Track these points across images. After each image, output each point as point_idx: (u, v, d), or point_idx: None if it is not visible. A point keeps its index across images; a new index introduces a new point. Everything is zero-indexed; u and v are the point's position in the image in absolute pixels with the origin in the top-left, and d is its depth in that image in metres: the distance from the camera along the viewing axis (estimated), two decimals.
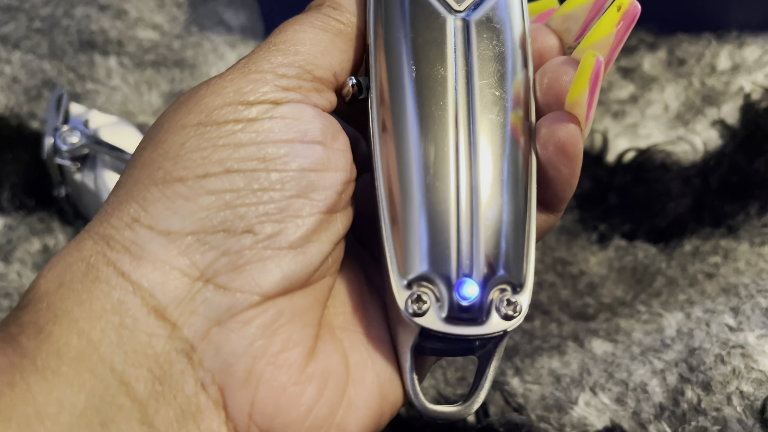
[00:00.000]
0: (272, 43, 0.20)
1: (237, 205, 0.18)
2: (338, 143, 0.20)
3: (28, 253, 0.41)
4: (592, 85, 0.20)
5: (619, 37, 0.20)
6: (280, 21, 0.50)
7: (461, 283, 0.19)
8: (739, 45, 0.45)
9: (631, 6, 0.20)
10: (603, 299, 0.38)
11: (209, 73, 0.47)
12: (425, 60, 0.21)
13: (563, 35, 0.22)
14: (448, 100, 0.20)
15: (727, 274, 0.37)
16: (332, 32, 0.21)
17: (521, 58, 0.21)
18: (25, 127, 0.45)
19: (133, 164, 0.19)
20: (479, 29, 0.21)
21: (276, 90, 0.19)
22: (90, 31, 0.47)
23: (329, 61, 0.20)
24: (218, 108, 0.19)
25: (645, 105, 0.44)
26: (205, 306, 0.18)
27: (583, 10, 0.22)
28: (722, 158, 0.41)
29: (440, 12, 0.21)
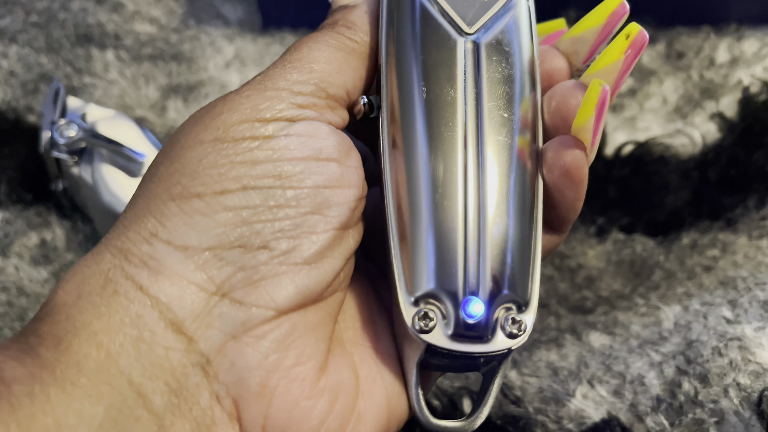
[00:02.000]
0: (287, 61, 0.21)
1: (253, 222, 0.19)
2: (351, 160, 0.21)
3: (26, 247, 0.41)
4: (598, 112, 0.20)
5: (627, 65, 0.21)
6: (277, 14, 0.50)
7: (467, 301, 0.20)
8: (737, 38, 0.45)
9: (639, 35, 0.21)
10: (601, 292, 0.38)
11: (206, 67, 0.47)
12: (435, 81, 0.21)
13: (571, 57, 0.23)
14: (458, 121, 0.21)
15: (725, 267, 0.37)
16: (346, 51, 0.21)
17: (529, 80, 0.22)
18: (22, 121, 0.45)
19: (150, 178, 0.20)
20: (489, 52, 0.21)
21: (291, 107, 0.20)
22: (87, 25, 0.47)
23: (343, 80, 0.21)
24: (235, 125, 0.19)
25: (643, 98, 0.44)
26: (221, 320, 0.18)
27: (592, 33, 0.22)
28: (721, 151, 0.41)
29: (451, 34, 0.21)
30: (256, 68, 0.47)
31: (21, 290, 0.40)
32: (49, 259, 0.41)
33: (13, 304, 0.40)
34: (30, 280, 0.40)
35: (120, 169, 0.39)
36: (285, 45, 0.47)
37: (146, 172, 0.20)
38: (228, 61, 0.47)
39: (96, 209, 0.39)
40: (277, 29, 0.48)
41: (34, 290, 0.40)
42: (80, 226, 0.42)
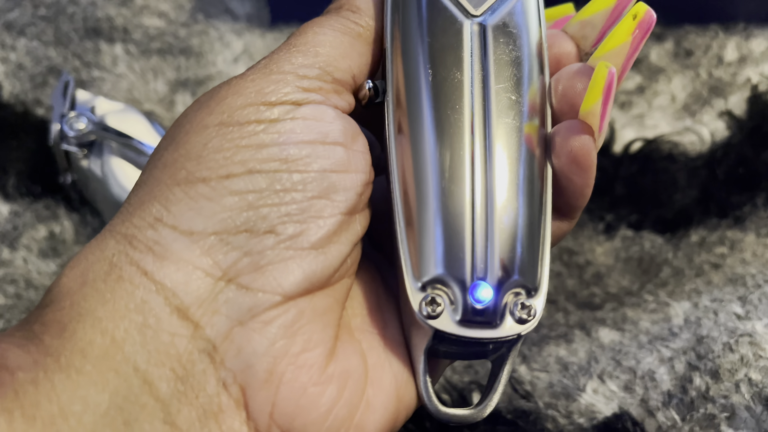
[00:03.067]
0: (292, 45, 0.20)
1: (259, 206, 0.18)
2: (358, 144, 0.20)
3: (34, 239, 0.41)
4: (605, 96, 0.20)
5: (635, 46, 0.21)
6: (286, 9, 0.50)
7: (475, 286, 0.19)
8: (746, 37, 0.45)
9: (647, 15, 0.20)
10: (609, 289, 0.38)
11: (215, 62, 0.47)
12: (442, 64, 0.21)
13: (580, 41, 0.22)
14: (464, 104, 0.21)
15: (734, 265, 0.37)
16: (351, 35, 0.21)
17: (537, 63, 0.22)
18: (30, 114, 0.45)
19: (154, 164, 0.19)
20: (496, 34, 0.21)
21: (297, 91, 0.20)
22: (96, 18, 0.47)
23: (348, 64, 0.21)
24: (240, 108, 0.19)
25: (652, 96, 0.44)
26: (228, 306, 0.18)
27: (601, 17, 0.22)
28: (729, 149, 0.41)
29: (457, 17, 0.21)
30: None
31: (29, 283, 0.40)
32: (58, 252, 0.41)
33: (21, 296, 0.40)
34: (38, 272, 0.40)
35: (129, 162, 0.39)
36: None
37: (150, 158, 0.20)
38: (236, 56, 0.47)
39: (105, 202, 0.39)
40: (285, 24, 0.48)
41: (43, 283, 0.40)
42: (89, 219, 0.42)
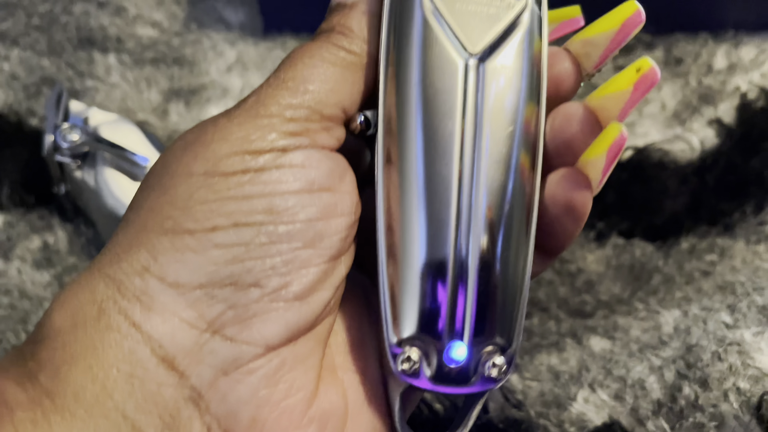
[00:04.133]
0: (282, 79, 0.20)
1: (245, 259, 0.19)
2: (345, 185, 0.20)
3: (28, 250, 0.41)
4: (611, 155, 0.20)
5: (634, 98, 0.21)
6: (279, 18, 0.50)
7: (450, 346, 0.20)
8: (735, 44, 0.46)
9: (650, 71, 0.20)
10: (601, 297, 0.39)
11: (208, 71, 0.47)
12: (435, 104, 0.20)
13: (582, 59, 0.22)
14: (454, 151, 0.20)
15: (724, 272, 0.38)
16: (342, 66, 0.20)
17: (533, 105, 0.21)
18: (24, 124, 0.45)
19: (141, 205, 0.19)
20: (492, 74, 0.20)
21: (284, 136, 0.19)
22: (89, 28, 0.47)
23: (339, 98, 0.20)
24: (226, 157, 0.19)
25: (642, 103, 0.44)
26: (212, 356, 0.19)
27: (605, 38, 0.21)
28: (719, 157, 0.41)
29: (453, 56, 0.20)
30: (257, 72, 0.47)
31: (23, 293, 0.40)
32: (52, 263, 0.41)
33: (15, 307, 0.40)
34: (32, 283, 0.40)
35: (123, 173, 0.39)
36: (286, 49, 0.48)
37: (138, 196, 0.20)
38: (230, 65, 0.47)
39: (99, 213, 0.40)
40: (278, 33, 0.48)
41: (37, 293, 0.40)
42: (83, 230, 0.42)
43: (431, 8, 0.20)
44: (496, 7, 0.20)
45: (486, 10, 0.20)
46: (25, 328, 0.39)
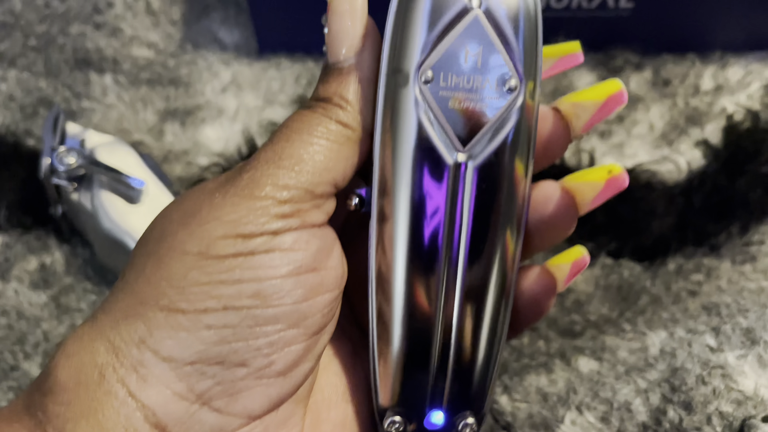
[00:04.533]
0: (279, 156, 0.21)
1: (232, 341, 0.20)
2: (332, 259, 0.21)
3: (26, 271, 0.42)
4: (575, 269, 0.23)
5: (604, 194, 0.23)
6: (273, 39, 0.50)
7: (431, 414, 0.23)
8: (722, 65, 0.46)
9: (620, 176, 0.22)
10: (589, 317, 0.39)
11: (204, 91, 0.47)
12: (423, 200, 0.21)
13: (572, 119, 0.23)
14: (441, 246, 0.21)
15: (710, 292, 0.39)
16: (339, 142, 0.21)
17: (519, 204, 0.22)
18: (21, 145, 0.46)
19: (140, 270, 0.20)
20: (479, 175, 0.21)
21: (275, 219, 0.20)
22: (85, 49, 0.48)
23: (333, 175, 0.21)
24: (219, 239, 0.20)
25: (631, 125, 0.45)
26: (200, 426, 0.20)
27: (593, 105, 0.22)
28: (705, 178, 0.42)
29: (443, 156, 0.21)
30: (252, 92, 0.47)
31: (20, 314, 0.41)
32: (49, 283, 0.41)
33: (12, 327, 0.40)
34: (29, 303, 0.41)
35: (119, 196, 0.39)
36: (281, 69, 0.48)
37: (137, 257, 0.21)
38: (225, 86, 0.48)
39: (95, 235, 0.40)
40: (273, 54, 0.49)
41: (34, 314, 0.41)
42: (79, 251, 0.42)
43: (424, 107, 0.21)
44: (489, 98, 0.21)
45: (479, 105, 0.21)
46: (23, 348, 0.40)
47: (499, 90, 0.21)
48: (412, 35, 0.20)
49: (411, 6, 0.20)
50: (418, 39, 0.20)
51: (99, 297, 0.41)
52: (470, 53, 0.20)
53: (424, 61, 0.20)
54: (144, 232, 0.22)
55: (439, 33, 0.20)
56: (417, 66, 0.20)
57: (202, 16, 0.50)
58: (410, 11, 0.20)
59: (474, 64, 0.20)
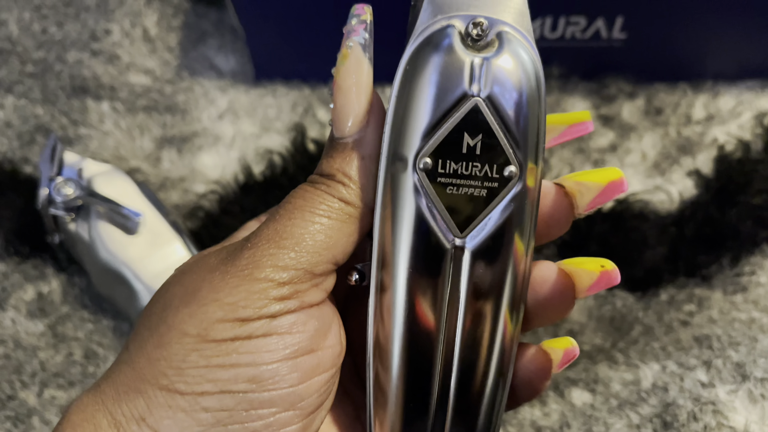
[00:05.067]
0: (279, 235, 0.21)
1: (228, 423, 0.20)
2: (329, 339, 0.22)
3: (23, 300, 0.42)
4: (566, 357, 0.23)
5: (596, 285, 0.23)
6: (270, 66, 0.51)
7: None
8: (713, 95, 0.47)
9: (612, 272, 0.22)
10: (583, 347, 0.40)
11: (200, 118, 0.48)
12: (420, 282, 0.21)
13: (576, 197, 0.23)
14: (439, 329, 0.22)
15: (701, 323, 0.39)
16: (340, 219, 0.21)
17: (518, 285, 0.22)
18: (18, 172, 0.46)
19: (140, 350, 0.21)
20: (478, 258, 0.21)
21: (274, 302, 0.20)
22: (82, 77, 0.48)
23: (333, 253, 0.21)
24: (217, 322, 0.20)
25: (624, 153, 0.45)
26: None
27: (596, 187, 0.23)
28: (697, 208, 0.42)
29: (441, 242, 0.21)
30: (248, 119, 0.48)
31: (18, 343, 0.41)
32: (46, 312, 0.42)
33: (10, 356, 0.40)
34: (26, 333, 0.41)
35: (116, 227, 0.40)
36: (277, 97, 0.48)
37: (140, 330, 0.21)
38: (221, 113, 0.48)
39: (92, 265, 0.40)
40: (269, 81, 0.49)
41: (31, 343, 0.41)
42: (76, 280, 0.43)
43: (422, 193, 0.21)
44: (488, 185, 0.21)
45: (477, 191, 0.21)
46: (20, 378, 0.40)
47: (498, 176, 0.21)
48: (411, 122, 0.20)
49: (411, 92, 0.20)
50: (417, 126, 0.20)
51: (95, 326, 0.41)
52: (469, 140, 0.20)
53: (422, 149, 0.20)
54: (148, 303, 0.22)
55: (438, 120, 0.20)
56: (415, 153, 0.20)
57: (199, 43, 0.50)
58: (410, 97, 0.20)
59: (473, 151, 0.20)
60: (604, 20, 0.44)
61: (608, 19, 0.44)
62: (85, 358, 0.41)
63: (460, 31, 0.20)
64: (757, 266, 0.41)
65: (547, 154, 0.46)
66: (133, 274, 0.39)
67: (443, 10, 0.20)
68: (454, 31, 0.20)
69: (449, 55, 0.20)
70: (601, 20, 0.44)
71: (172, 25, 0.50)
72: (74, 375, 0.40)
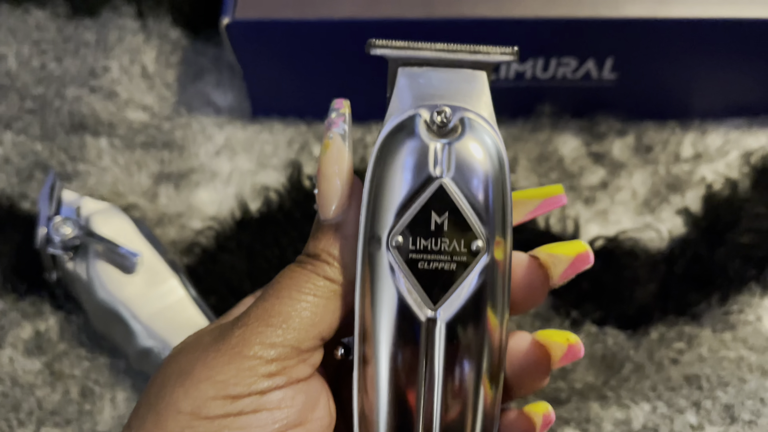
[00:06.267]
0: (268, 314, 0.22)
1: None
2: (318, 411, 0.23)
3: (20, 338, 0.42)
4: (545, 422, 0.24)
5: (567, 359, 0.24)
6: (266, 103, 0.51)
7: None
8: (701, 132, 0.48)
9: (576, 346, 0.24)
10: (575, 384, 0.40)
11: (198, 154, 0.48)
12: (399, 362, 0.22)
13: (550, 268, 0.24)
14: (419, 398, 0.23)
15: (691, 361, 0.40)
16: (325, 297, 0.23)
17: (494, 353, 0.23)
18: (16, 208, 0.46)
19: (140, 428, 0.22)
20: (451, 330, 0.22)
21: (263, 379, 0.22)
22: (81, 114, 0.49)
23: (319, 330, 0.23)
24: (210, 399, 0.21)
25: (614, 191, 0.46)
26: None
27: (567, 259, 0.24)
28: (686, 246, 0.43)
29: (414, 311, 0.22)
30: (245, 155, 0.48)
31: (15, 381, 0.41)
32: (43, 350, 0.42)
33: (7, 394, 0.41)
34: (24, 370, 0.41)
35: (114, 266, 0.40)
36: (273, 133, 0.49)
37: (138, 412, 0.22)
38: (218, 149, 0.49)
39: (90, 304, 0.41)
40: (266, 117, 0.50)
41: (28, 381, 0.41)
42: (74, 317, 0.43)
43: (396, 269, 0.22)
44: (457, 259, 0.22)
45: (447, 265, 0.22)
46: (17, 416, 0.40)
47: (466, 250, 0.22)
48: (383, 203, 0.22)
49: (382, 175, 0.22)
50: (389, 207, 0.22)
51: (92, 363, 0.42)
52: (437, 218, 0.22)
53: (394, 227, 0.22)
54: (149, 382, 0.23)
55: (407, 200, 0.22)
56: (388, 232, 0.22)
57: (197, 80, 0.51)
58: (382, 180, 0.22)
59: (441, 228, 0.22)
60: (594, 61, 0.45)
61: (598, 60, 0.45)
62: (82, 396, 0.41)
63: (426, 119, 0.22)
64: (746, 304, 0.41)
65: None
66: (131, 313, 0.40)
67: (412, 100, 0.23)
68: (420, 120, 0.22)
69: (415, 141, 0.22)
70: (591, 61, 0.45)
71: (171, 61, 0.51)
72: (71, 413, 0.40)
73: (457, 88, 0.23)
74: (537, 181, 0.47)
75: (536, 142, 0.48)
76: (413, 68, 0.23)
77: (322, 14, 0.43)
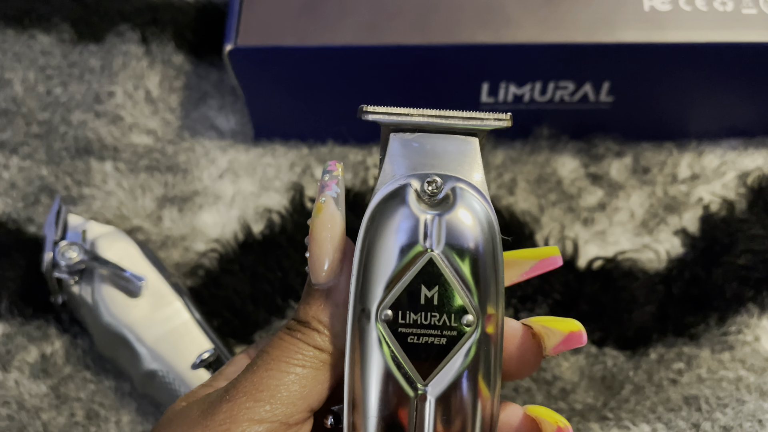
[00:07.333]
0: (256, 388, 0.22)
1: None
2: None
3: (26, 362, 0.43)
4: None
5: None
6: (269, 126, 0.52)
7: None
8: (698, 154, 0.48)
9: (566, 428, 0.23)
10: (575, 405, 0.41)
11: (201, 177, 0.49)
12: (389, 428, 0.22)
13: (543, 338, 0.24)
14: None
15: (690, 382, 0.40)
16: (315, 367, 0.23)
17: (485, 426, 0.22)
18: (22, 233, 0.47)
19: None
20: (442, 405, 0.22)
21: None
22: (86, 138, 0.50)
23: (308, 402, 0.22)
24: None
25: (612, 212, 0.47)
26: None
27: (560, 334, 0.24)
28: (684, 267, 0.44)
29: (403, 387, 0.22)
30: (248, 178, 0.49)
31: (21, 405, 0.41)
32: (49, 374, 0.42)
33: (13, 418, 0.41)
34: (30, 394, 0.42)
35: (119, 290, 0.41)
36: (276, 156, 0.50)
37: None
38: (222, 172, 0.49)
39: (95, 328, 0.41)
40: (268, 141, 0.50)
41: (34, 404, 0.41)
42: (79, 341, 0.43)
43: (385, 343, 0.22)
44: (447, 333, 0.22)
45: (437, 340, 0.22)
46: None
47: (456, 325, 0.22)
48: (373, 276, 0.22)
49: (372, 247, 0.22)
50: (378, 280, 0.22)
51: (97, 386, 0.42)
52: (426, 292, 0.22)
53: (383, 300, 0.22)
54: None
55: (396, 273, 0.22)
56: (378, 305, 0.22)
57: (200, 104, 0.52)
58: (371, 252, 0.22)
59: (431, 302, 0.22)
60: (591, 84, 0.46)
61: (595, 83, 0.46)
62: (87, 419, 0.41)
63: (416, 189, 0.22)
64: (743, 325, 0.42)
65: (537, 213, 0.47)
66: (135, 336, 0.40)
67: (403, 168, 0.22)
68: (410, 190, 0.22)
69: (405, 212, 0.22)
70: (588, 85, 0.46)
71: (174, 86, 0.52)
72: None
73: (449, 156, 0.23)
74: (536, 202, 0.47)
75: (535, 163, 0.48)
76: (405, 134, 0.23)
77: (323, 41, 0.44)
